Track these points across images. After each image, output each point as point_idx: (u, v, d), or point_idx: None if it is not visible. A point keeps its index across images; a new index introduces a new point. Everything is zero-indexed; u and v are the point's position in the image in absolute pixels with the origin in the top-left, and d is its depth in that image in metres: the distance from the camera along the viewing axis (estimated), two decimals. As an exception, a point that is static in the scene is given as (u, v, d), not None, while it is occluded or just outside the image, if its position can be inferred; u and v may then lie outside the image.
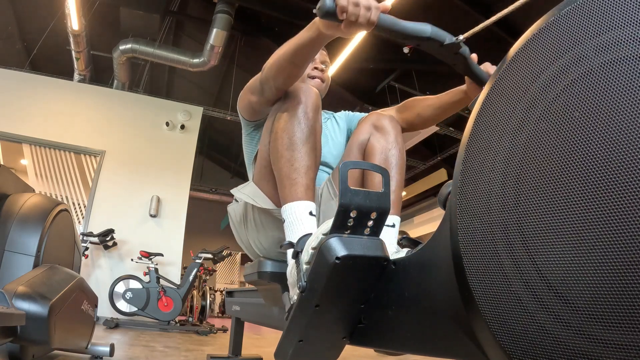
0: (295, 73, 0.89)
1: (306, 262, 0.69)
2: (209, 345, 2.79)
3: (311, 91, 0.91)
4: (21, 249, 1.30)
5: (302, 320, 0.69)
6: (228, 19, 4.80)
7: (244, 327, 1.83)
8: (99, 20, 5.18)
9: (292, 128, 0.86)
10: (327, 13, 0.72)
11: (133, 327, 3.80)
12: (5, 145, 5.00)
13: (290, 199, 0.82)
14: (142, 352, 2.07)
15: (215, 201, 9.79)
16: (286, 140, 0.86)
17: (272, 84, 0.92)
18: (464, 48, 0.84)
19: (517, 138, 0.45)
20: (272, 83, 0.92)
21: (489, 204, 0.47)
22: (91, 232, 4.30)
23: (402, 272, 0.66)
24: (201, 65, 5.24)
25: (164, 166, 5.21)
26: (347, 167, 0.63)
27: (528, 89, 0.45)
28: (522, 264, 0.42)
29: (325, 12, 0.72)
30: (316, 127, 0.90)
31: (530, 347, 0.41)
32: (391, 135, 1.05)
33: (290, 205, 0.82)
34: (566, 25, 0.43)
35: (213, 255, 4.64)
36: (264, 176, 0.97)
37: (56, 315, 1.13)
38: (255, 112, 1.08)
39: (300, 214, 0.81)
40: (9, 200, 1.40)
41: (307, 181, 0.84)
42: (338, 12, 0.72)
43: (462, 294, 0.49)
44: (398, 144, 1.05)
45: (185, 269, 4.68)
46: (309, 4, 4.72)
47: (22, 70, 5.13)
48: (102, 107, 5.23)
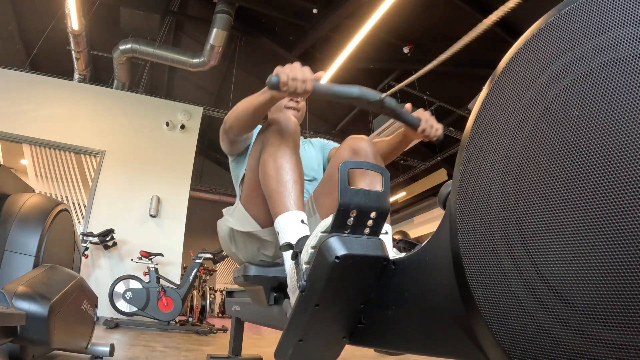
0: (255, 122, 1.09)
1: (306, 262, 0.69)
2: (209, 345, 2.79)
3: (290, 119, 1.04)
4: (21, 249, 1.30)
5: (302, 319, 0.69)
6: (228, 19, 4.80)
7: (244, 327, 1.83)
8: (99, 20, 5.18)
9: (276, 152, 0.98)
10: (273, 86, 0.92)
11: (133, 327, 3.80)
12: (5, 145, 4.99)
13: (282, 210, 0.89)
14: (142, 352, 2.07)
15: (215, 201, 9.78)
16: (271, 162, 0.97)
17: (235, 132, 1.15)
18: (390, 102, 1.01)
19: (517, 138, 0.45)
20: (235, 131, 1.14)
21: (488, 204, 0.47)
22: (91, 232, 4.30)
23: (402, 272, 0.66)
24: (201, 65, 5.24)
25: (164, 166, 5.21)
26: (347, 166, 0.63)
27: (528, 89, 0.45)
28: (521, 264, 0.42)
29: (272, 85, 0.92)
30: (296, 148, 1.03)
31: (530, 346, 0.41)
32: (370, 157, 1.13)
33: (282, 217, 0.88)
34: (566, 25, 0.43)
35: (213, 255, 4.64)
36: (251, 198, 1.07)
37: (56, 315, 1.13)
38: (233, 149, 1.28)
39: (292, 222, 0.86)
40: (9, 200, 1.40)
41: (295, 194, 0.92)
42: (281, 86, 0.91)
43: (462, 294, 0.49)
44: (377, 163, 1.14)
45: (185, 269, 4.68)
46: (309, 4, 4.72)
47: (22, 70, 5.13)
48: (102, 107, 5.23)
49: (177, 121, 5.47)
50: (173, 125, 5.41)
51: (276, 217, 0.89)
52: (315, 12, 4.71)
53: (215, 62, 5.23)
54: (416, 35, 4.75)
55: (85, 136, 4.96)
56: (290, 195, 0.91)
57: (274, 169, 0.96)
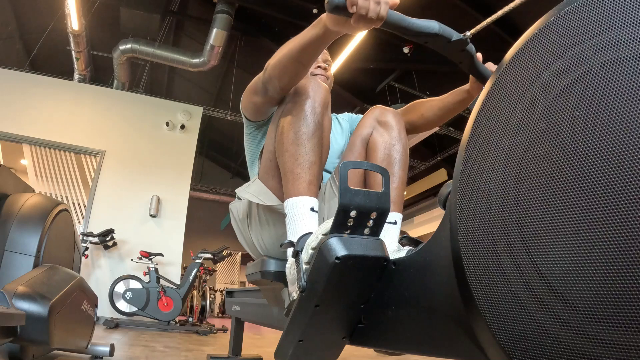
0: (301, 72, 0.88)
1: (306, 262, 0.69)
2: (209, 345, 2.79)
3: (321, 86, 0.89)
4: (21, 249, 1.30)
5: (302, 320, 0.69)
6: (228, 19, 4.80)
7: (244, 327, 1.83)
8: (99, 20, 5.18)
9: (298, 123, 0.85)
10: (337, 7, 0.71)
11: (133, 327, 3.80)
12: (5, 145, 5.00)
13: (293, 193, 0.82)
14: (142, 352, 2.07)
15: (215, 201, 9.79)
16: (292, 135, 0.85)
17: (276, 84, 0.91)
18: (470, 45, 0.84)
19: (517, 138, 0.45)
20: (276, 82, 0.90)
21: (488, 204, 0.47)
22: (91, 232, 4.30)
23: (402, 272, 0.66)
24: (201, 65, 5.24)
25: (164, 166, 5.21)
26: (347, 167, 0.63)
27: (528, 89, 0.45)
28: (521, 264, 0.42)
29: (335, 6, 0.71)
30: (324, 123, 0.88)
31: (530, 347, 0.41)
32: (395, 131, 1.03)
33: (292, 200, 0.82)
34: (566, 25, 0.43)
35: (213, 255, 4.64)
36: (269, 171, 0.95)
37: (56, 315, 1.13)
38: (259, 113, 1.06)
39: (301, 209, 0.80)
40: (9, 200, 1.40)
41: (310, 177, 0.83)
42: (348, 6, 0.71)
43: (462, 294, 0.49)
44: (401, 139, 1.04)
45: (185, 269, 4.68)
46: (309, 4, 4.72)
47: (22, 70, 5.13)
48: (102, 107, 5.23)
49: (177, 121, 5.47)
50: (173, 125, 5.41)
51: (287, 198, 0.83)
52: (315, 12, 4.71)
53: (215, 62, 5.23)
54: (416, 35, 4.73)
55: (85, 136, 4.96)
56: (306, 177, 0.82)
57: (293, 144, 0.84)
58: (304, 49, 0.83)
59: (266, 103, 0.99)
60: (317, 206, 0.82)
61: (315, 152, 0.85)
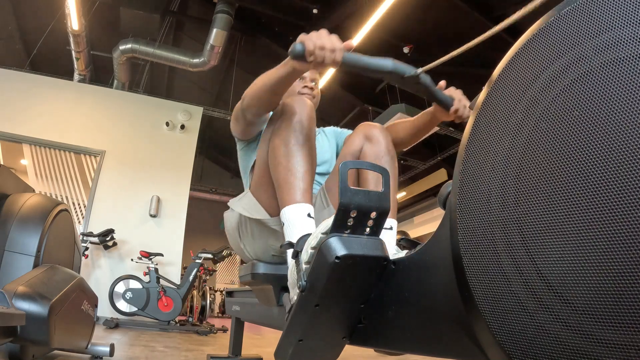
0: (274, 100, 0.98)
1: (306, 262, 0.69)
2: (209, 345, 2.79)
3: (306, 103, 0.96)
4: (21, 249, 1.30)
5: (302, 319, 0.69)
6: (228, 19, 4.80)
7: (244, 327, 1.83)
8: (99, 20, 5.18)
9: (288, 137, 0.91)
10: (297, 55, 0.81)
11: (133, 327, 3.80)
12: (5, 145, 4.99)
13: (289, 202, 0.85)
14: (142, 352, 2.07)
15: (215, 201, 9.78)
16: (283, 149, 0.91)
17: (253, 111, 1.03)
18: (424, 78, 0.93)
19: (517, 138, 0.45)
20: (253, 110, 1.02)
21: (488, 204, 0.47)
22: (91, 232, 4.29)
23: (402, 272, 0.66)
24: (201, 65, 5.24)
25: (164, 166, 5.21)
26: (347, 166, 0.63)
27: (528, 89, 0.45)
28: (521, 264, 0.42)
29: (296, 55, 0.81)
30: (311, 135, 0.95)
31: (530, 347, 0.41)
32: (382, 144, 1.09)
33: (289, 208, 0.84)
34: (566, 25, 0.43)
35: (213, 255, 4.64)
36: (261, 185, 1.01)
37: (56, 315, 1.13)
38: (245, 133, 1.16)
39: (298, 215, 0.83)
40: (9, 200, 1.40)
41: (304, 185, 0.87)
42: (307, 55, 0.80)
43: (462, 294, 0.49)
44: (390, 151, 1.10)
45: (185, 269, 4.68)
46: (309, 4, 4.72)
47: (22, 70, 5.13)
48: (102, 107, 5.23)
49: (177, 121, 5.47)
50: (173, 125, 5.41)
51: (283, 207, 0.86)
52: (315, 12, 4.71)
53: (215, 62, 5.23)
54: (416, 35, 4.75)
55: (85, 136, 4.96)
56: (300, 186, 0.86)
57: (285, 157, 0.90)
58: (276, 83, 0.92)
59: (247, 126, 1.12)
60: (313, 212, 0.85)
61: (307, 162, 0.90)
